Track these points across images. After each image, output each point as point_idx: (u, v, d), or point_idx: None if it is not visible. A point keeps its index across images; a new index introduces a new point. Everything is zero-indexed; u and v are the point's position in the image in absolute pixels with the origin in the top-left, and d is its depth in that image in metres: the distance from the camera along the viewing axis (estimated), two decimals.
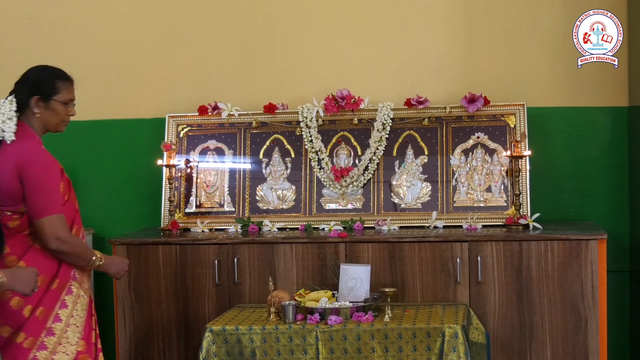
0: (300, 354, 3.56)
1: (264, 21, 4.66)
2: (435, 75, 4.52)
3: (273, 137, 4.51)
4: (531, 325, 3.91)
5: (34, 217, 2.96)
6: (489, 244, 3.94)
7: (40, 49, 4.75)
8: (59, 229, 2.97)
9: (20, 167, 2.96)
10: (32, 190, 2.96)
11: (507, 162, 4.26)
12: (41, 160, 3.04)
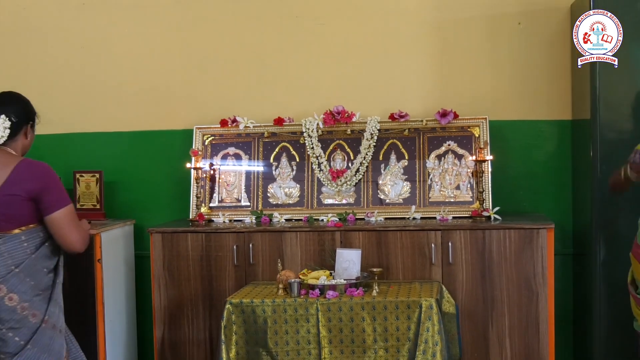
0: (303, 322, 3.58)
1: (273, 49, 4.65)
2: (413, 94, 4.51)
3: (281, 144, 4.51)
4: (492, 298, 3.92)
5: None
6: (458, 232, 3.94)
7: (92, 75, 4.78)
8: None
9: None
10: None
11: (472, 165, 4.26)
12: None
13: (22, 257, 2.76)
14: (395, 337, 3.53)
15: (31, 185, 2.76)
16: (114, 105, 4.76)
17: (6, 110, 2.86)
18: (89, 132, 4.80)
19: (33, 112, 2.97)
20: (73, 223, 2.85)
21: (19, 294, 2.72)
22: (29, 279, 2.76)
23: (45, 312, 2.80)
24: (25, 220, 2.78)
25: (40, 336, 2.76)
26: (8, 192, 2.74)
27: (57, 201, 2.81)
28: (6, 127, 2.83)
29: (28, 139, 2.95)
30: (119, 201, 4.74)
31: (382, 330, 3.53)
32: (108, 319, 4.19)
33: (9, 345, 2.72)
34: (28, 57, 4.85)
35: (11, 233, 2.76)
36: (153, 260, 4.15)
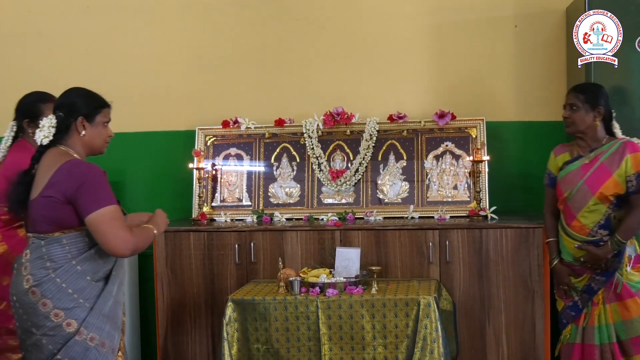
0: (304, 319, 3.56)
1: (274, 52, 4.65)
2: (412, 96, 4.51)
3: (282, 145, 4.49)
4: (489, 296, 3.90)
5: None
6: (456, 231, 3.93)
7: (96, 77, 4.73)
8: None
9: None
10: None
11: (470, 165, 4.24)
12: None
13: (62, 262, 2.57)
14: (394, 334, 3.52)
15: (66, 187, 2.55)
16: (118, 107, 4.60)
17: (57, 108, 2.71)
18: None
19: (85, 106, 2.72)
20: (114, 225, 2.56)
21: (54, 301, 2.54)
22: (66, 285, 2.56)
23: (82, 323, 2.57)
24: (66, 223, 2.58)
25: (72, 347, 2.55)
26: (46, 194, 2.57)
27: (94, 202, 2.55)
28: (52, 126, 2.66)
29: (85, 135, 2.70)
30: (123, 201, 4.69)
31: (381, 328, 3.52)
32: None
33: (42, 352, 2.56)
34: (33, 59, 4.86)
35: (53, 236, 2.59)
36: (156, 258, 4.13)
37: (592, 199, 3.29)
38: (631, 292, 3.28)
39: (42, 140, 2.66)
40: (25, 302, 2.57)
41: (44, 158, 2.67)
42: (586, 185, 3.30)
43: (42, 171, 2.64)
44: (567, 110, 3.39)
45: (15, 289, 2.61)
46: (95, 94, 2.80)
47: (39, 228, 2.61)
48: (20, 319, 2.61)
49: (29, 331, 2.58)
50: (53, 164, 2.61)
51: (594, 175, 3.30)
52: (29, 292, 2.56)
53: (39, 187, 2.61)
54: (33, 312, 2.55)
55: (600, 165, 3.30)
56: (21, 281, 2.59)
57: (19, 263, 2.65)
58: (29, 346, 2.60)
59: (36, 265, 2.58)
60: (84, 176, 2.57)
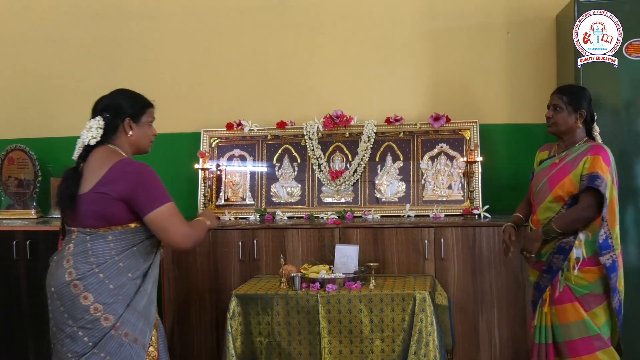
0: (304, 313, 3.58)
1: (276, 57, 4.66)
2: (408, 99, 4.52)
3: (284, 147, 4.51)
4: (482, 291, 3.93)
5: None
6: (450, 229, 3.95)
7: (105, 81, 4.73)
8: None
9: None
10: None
11: (463, 166, 4.27)
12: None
13: (106, 258, 2.57)
14: (390, 328, 3.53)
15: (121, 186, 2.55)
16: None
17: (105, 109, 2.70)
18: None
19: (132, 107, 2.72)
20: (174, 221, 2.58)
21: (95, 295, 2.54)
22: (108, 281, 2.56)
23: (118, 318, 2.56)
24: (115, 220, 2.58)
25: (108, 341, 2.54)
26: (99, 191, 2.56)
27: (152, 201, 2.56)
28: (99, 127, 2.66)
29: (132, 135, 2.71)
30: None
31: (379, 322, 3.53)
32: None
33: (77, 344, 2.55)
34: (44, 64, 4.87)
35: (99, 231, 2.59)
36: (163, 255, 4.14)
37: (549, 196, 3.23)
38: (572, 297, 3.15)
39: (89, 140, 2.67)
40: (64, 294, 2.56)
41: (93, 156, 2.66)
42: (548, 182, 3.26)
43: (92, 168, 2.63)
44: (551, 110, 3.33)
45: (55, 281, 2.60)
46: (139, 94, 2.80)
47: (85, 223, 2.61)
48: (57, 310, 2.60)
49: (65, 323, 2.57)
50: (105, 162, 2.61)
51: (555, 174, 3.25)
52: (70, 285, 2.55)
53: (89, 183, 2.60)
54: (72, 305, 2.55)
55: (564, 165, 3.24)
56: (62, 274, 2.58)
57: (59, 256, 2.64)
58: (63, 338, 2.58)
59: (80, 259, 2.57)
60: (139, 176, 2.59)
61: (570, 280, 3.16)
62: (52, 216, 4.71)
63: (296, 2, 4.63)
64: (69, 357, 2.58)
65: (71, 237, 2.65)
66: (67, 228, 2.70)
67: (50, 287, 2.64)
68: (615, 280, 3.11)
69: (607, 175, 3.11)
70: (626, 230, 3.83)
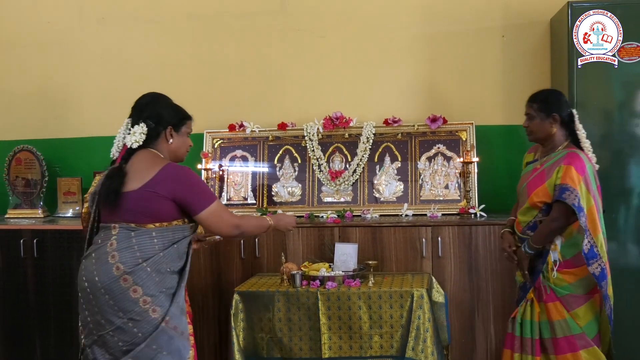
0: (305, 310, 3.59)
1: (277, 60, 4.67)
2: (406, 101, 4.52)
3: (284, 147, 4.52)
4: (478, 288, 3.94)
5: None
6: (447, 228, 3.96)
7: (111, 83, 4.80)
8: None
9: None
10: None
11: (460, 166, 4.27)
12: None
13: (151, 253, 2.67)
14: (389, 324, 3.54)
15: (173, 187, 2.69)
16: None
17: (149, 116, 2.83)
18: (108, 135, 4.78)
19: (174, 117, 2.86)
20: (223, 216, 2.78)
21: (144, 288, 2.63)
22: (154, 274, 2.65)
23: (166, 312, 2.66)
24: (160, 216, 2.70)
25: (159, 334, 2.63)
26: (150, 189, 2.68)
27: (202, 201, 2.73)
28: (143, 133, 2.79)
29: (172, 144, 2.85)
30: None
31: (377, 318, 3.55)
32: None
33: (126, 334, 2.62)
34: (51, 67, 4.89)
35: (144, 227, 2.68)
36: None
37: (527, 201, 3.21)
38: (554, 297, 3.12)
39: (132, 144, 2.79)
40: (114, 288, 2.63)
41: (137, 158, 2.78)
42: (527, 188, 3.24)
43: (138, 169, 2.74)
44: (526, 120, 3.29)
45: (102, 277, 2.64)
46: (180, 107, 2.94)
47: (130, 218, 2.69)
48: (106, 304, 2.64)
49: (115, 315, 2.63)
50: (153, 164, 2.74)
51: (533, 180, 3.21)
52: (120, 279, 2.62)
53: (138, 182, 2.70)
54: (122, 298, 2.62)
55: (542, 171, 3.19)
56: (109, 269, 2.64)
57: (100, 252, 2.69)
58: (113, 329, 2.63)
59: (126, 254, 2.65)
60: (188, 179, 2.74)
61: (550, 281, 3.15)
62: (59, 215, 4.73)
63: (297, 7, 4.63)
64: (119, 345, 2.64)
65: (110, 232, 2.72)
66: (104, 224, 2.77)
67: (97, 282, 2.66)
68: (605, 288, 3.07)
69: (581, 185, 3.04)
70: (624, 230, 3.85)
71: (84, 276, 2.71)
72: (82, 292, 2.73)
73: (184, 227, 2.78)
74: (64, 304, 4.20)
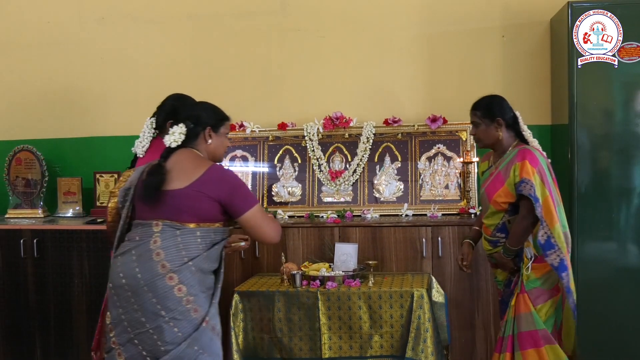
0: (305, 310, 3.59)
1: (277, 60, 4.67)
2: (406, 101, 4.52)
3: (285, 147, 4.52)
4: (478, 288, 3.93)
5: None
6: (447, 228, 3.95)
7: (111, 84, 4.80)
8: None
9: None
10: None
11: (460, 166, 4.27)
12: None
13: (196, 252, 2.67)
14: (389, 324, 3.54)
15: (219, 188, 2.70)
16: (131, 111, 4.77)
17: (189, 117, 2.85)
18: (108, 135, 4.82)
19: (213, 118, 2.87)
20: (264, 219, 2.78)
21: (188, 287, 2.62)
22: (198, 274, 2.66)
23: (207, 312, 2.67)
24: (205, 217, 2.70)
25: (200, 334, 2.63)
26: (197, 189, 2.68)
27: (245, 202, 2.73)
28: (182, 133, 2.80)
29: (210, 144, 2.85)
30: None
31: (377, 318, 3.55)
32: None
33: (165, 334, 2.59)
34: (51, 66, 4.89)
35: (188, 226, 2.68)
36: None
37: (490, 205, 3.21)
38: (523, 289, 3.12)
39: (171, 143, 2.80)
40: (158, 286, 2.60)
41: (179, 157, 2.78)
42: (486, 192, 3.24)
43: (183, 168, 2.74)
44: (472, 128, 3.32)
45: (146, 274, 2.61)
46: (219, 108, 2.95)
47: (175, 217, 2.68)
48: (149, 302, 2.60)
49: (157, 314, 2.60)
50: (198, 164, 2.75)
51: (491, 184, 3.20)
52: (165, 277, 2.61)
53: (183, 181, 2.70)
54: (166, 296, 2.60)
55: (497, 173, 3.20)
56: (154, 266, 2.62)
57: (142, 249, 2.66)
58: (153, 328, 2.60)
59: (172, 252, 2.64)
60: (233, 181, 2.76)
61: (523, 275, 3.15)
62: (59, 215, 4.72)
63: (297, 7, 4.63)
64: (158, 345, 2.60)
65: (151, 230, 2.69)
66: (141, 221, 2.74)
67: (132, 279, 2.63)
68: (567, 280, 3.04)
69: (535, 176, 3.06)
70: (625, 230, 3.84)
71: (121, 273, 2.67)
72: (118, 289, 2.67)
73: (224, 229, 2.79)
74: (64, 304, 4.19)
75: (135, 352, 2.63)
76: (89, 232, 4.15)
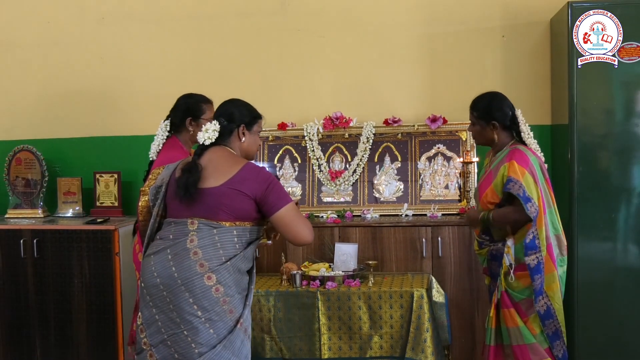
0: (305, 310, 3.59)
1: (277, 60, 4.66)
2: (406, 101, 4.51)
3: (284, 147, 4.51)
4: (478, 289, 3.93)
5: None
6: (447, 228, 3.96)
7: (111, 84, 4.79)
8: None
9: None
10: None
11: (460, 166, 4.27)
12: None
13: (233, 252, 2.63)
14: (389, 324, 3.54)
15: (256, 186, 2.65)
16: (131, 111, 4.77)
17: (222, 114, 2.80)
18: (108, 135, 4.81)
19: (246, 116, 2.83)
20: (298, 218, 2.70)
21: (225, 287, 2.58)
22: (235, 274, 2.62)
23: (241, 314, 2.63)
24: (242, 216, 2.65)
25: (234, 337, 2.59)
26: (234, 187, 2.64)
27: (280, 201, 2.66)
28: (215, 130, 2.75)
29: (244, 142, 2.81)
30: (135, 199, 4.71)
31: (377, 318, 3.55)
32: (125, 307, 4.19)
33: (200, 335, 2.54)
34: (51, 66, 4.88)
35: (225, 225, 2.64)
36: None
37: (478, 203, 3.22)
38: (508, 303, 3.09)
39: (205, 140, 2.75)
40: (197, 285, 2.56)
41: (214, 154, 2.74)
42: (478, 190, 3.25)
43: (217, 165, 2.70)
44: (470, 125, 3.32)
45: (183, 273, 2.57)
46: (251, 106, 2.91)
47: (212, 215, 2.64)
48: (185, 302, 2.55)
49: (193, 314, 2.55)
50: (233, 162, 2.72)
51: (483, 182, 3.22)
52: (204, 277, 2.56)
53: (219, 179, 2.66)
54: (204, 296, 2.55)
55: (489, 172, 3.20)
56: (192, 266, 2.57)
57: (178, 247, 2.62)
58: (188, 329, 2.55)
59: (210, 251, 2.60)
60: (268, 179, 2.70)
61: (510, 286, 3.10)
62: (59, 215, 4.71)
63: (297, 7, 4.63)
64: (192, 347, 2.54)
65: (186, 228, 2.65)
66: (174, 219, 2.70)
67: (168, 278, 2.58)
68: (539, 282, 3.01)
69: (526, 176, 3.03)
70: (625, 230, 3.83)
71: (155, 272, 2.61)
72: (152, 289, 2.61)
73: (258, 228, 2.74)
74: (64, 304, 4.19)
75: (167, 353, 2.58)
76: (89, 232, 4.14)
